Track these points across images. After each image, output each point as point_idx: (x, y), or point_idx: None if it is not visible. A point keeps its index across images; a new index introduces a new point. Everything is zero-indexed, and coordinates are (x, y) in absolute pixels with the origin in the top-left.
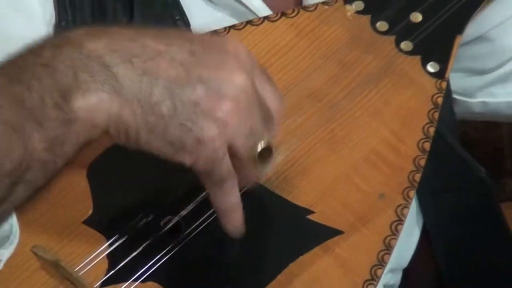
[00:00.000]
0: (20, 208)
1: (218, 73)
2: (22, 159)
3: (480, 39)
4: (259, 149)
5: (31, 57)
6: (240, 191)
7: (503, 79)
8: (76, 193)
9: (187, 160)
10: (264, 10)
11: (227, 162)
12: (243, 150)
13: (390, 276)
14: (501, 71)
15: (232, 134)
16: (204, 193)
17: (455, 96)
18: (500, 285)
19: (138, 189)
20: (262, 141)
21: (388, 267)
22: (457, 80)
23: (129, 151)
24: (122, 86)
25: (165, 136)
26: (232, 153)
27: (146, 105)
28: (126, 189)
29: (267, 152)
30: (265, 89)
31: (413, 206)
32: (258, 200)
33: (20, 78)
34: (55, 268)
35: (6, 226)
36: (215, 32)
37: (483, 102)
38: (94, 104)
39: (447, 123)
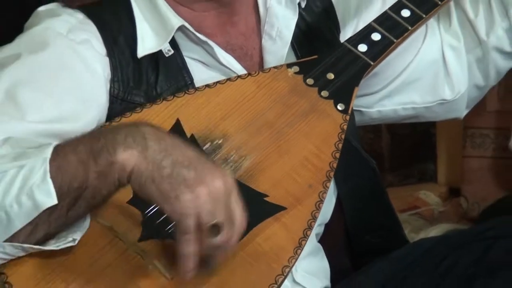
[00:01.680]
0: None
1: (208, 173)
2: (83, 181)
3: (372, 74)
4: (211, 223)
5: (108, 128)
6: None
7: (388, 95)
8: None
9: (167, 208)
10: (242, 71)
11: (191, 222)
12: (203, 220)
13: (319, 228)
14: (384, 91)
15: (200, 205)
16: None
17: (361, 109)
18: (383, 237)
19: None
20: (215, 220)
21: (317, 223)
22: (361, 99)
23: None
24: (148, 151)
25: (159, 187)
26: (198, 224)
27: (155, 166)
28: None
29: (215, 230)
30: (237, 208)
31: (332, 184)
32: None
33: (96, 136)
34: (110, 231)
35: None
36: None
37: (379, 111)
38: (128, 155)
39: (352, 134)
